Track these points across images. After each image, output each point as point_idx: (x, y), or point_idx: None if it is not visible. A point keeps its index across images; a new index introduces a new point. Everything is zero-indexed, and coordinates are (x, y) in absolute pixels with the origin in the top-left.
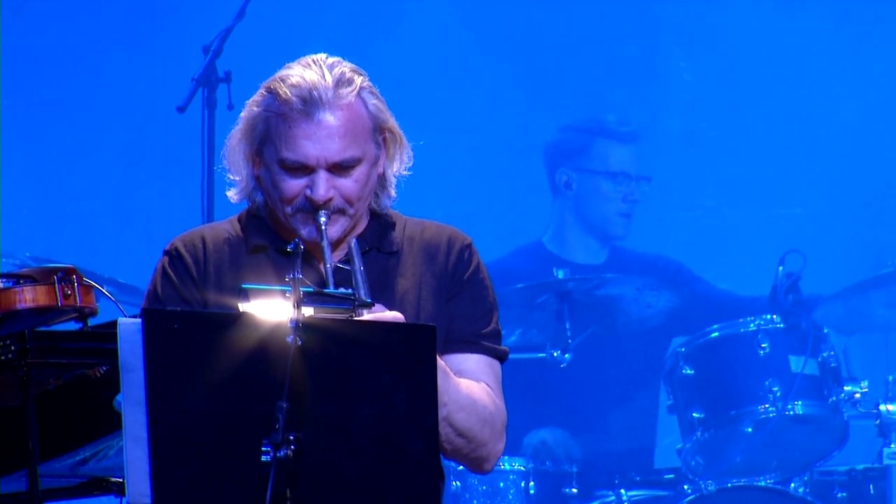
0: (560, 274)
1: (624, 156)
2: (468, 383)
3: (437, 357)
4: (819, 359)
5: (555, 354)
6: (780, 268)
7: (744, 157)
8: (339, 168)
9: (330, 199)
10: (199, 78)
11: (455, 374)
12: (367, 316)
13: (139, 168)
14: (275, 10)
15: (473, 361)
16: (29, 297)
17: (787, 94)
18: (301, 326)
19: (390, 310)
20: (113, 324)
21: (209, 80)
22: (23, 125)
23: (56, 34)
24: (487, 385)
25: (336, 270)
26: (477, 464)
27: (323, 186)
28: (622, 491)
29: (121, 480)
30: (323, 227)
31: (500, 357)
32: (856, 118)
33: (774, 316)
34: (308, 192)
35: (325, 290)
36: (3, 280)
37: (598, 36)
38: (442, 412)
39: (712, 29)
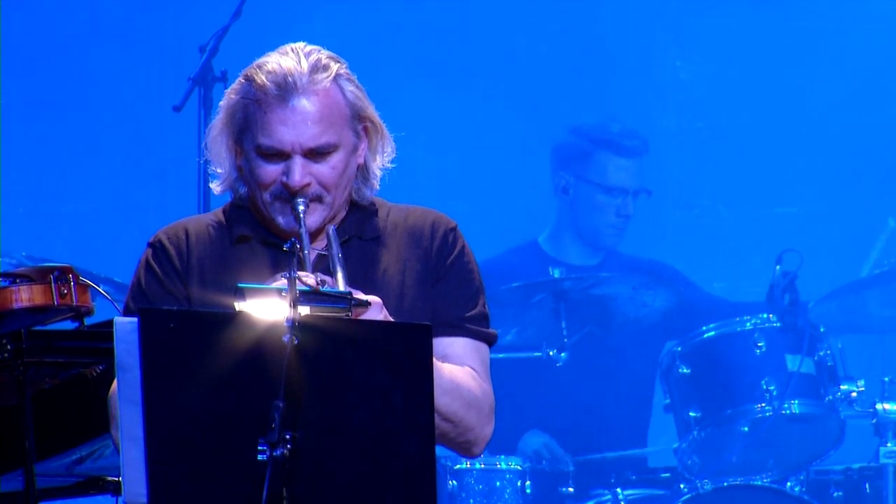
0: (556, 273)
1: (624, 170)
2: (452, 367)
3: None
4: (815, 358)
5: (551, 353)
6: (777, 267)
7: (740, 156)
8: (316, 154)
9: (306, 186)
10: (195, 77)
11: (441, 358)
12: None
13: (136, 167)
14: (271, 10)
15: (459, 345)
16: (25, 296)
17: (782, 92)
18: (297, 325)
19: (371, 295)
20: (109, 323)
21: (205, 80)
22: (19, 124)
23: (53, 34)
24: (473, 369)
25: (318, 258)
26: (465, 448)
27: (299, 172)
28: (618, 490)
29: (117, 479)
30: (301, 215)
31: (488, 339)
32: (852, 117)
33: (771, 315)
34: (284, 178)
35: (322, 290)
36: (0, 279)
37: (594, 35)
38: None
39: (708, 28)
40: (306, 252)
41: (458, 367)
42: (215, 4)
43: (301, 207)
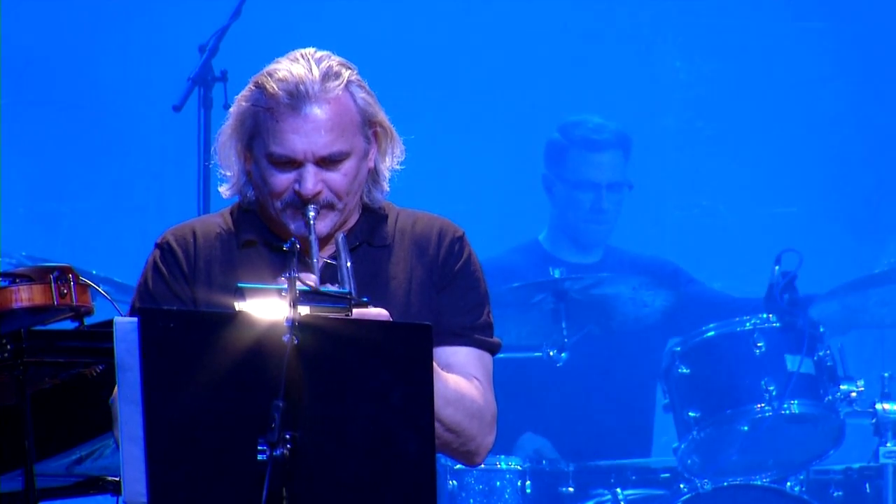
0: (556, 273)
1: (592, 165)
2: (456, 378)
3: None
4: (815, 358)
5: (551, 353)
6: (777, 266)
7: (740, 155)
8: (328, 162)
9: (318, 193)
10: (195, 77)
11: (444, 366)
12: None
13: (135, 167)
14: (271, 9)
15: (463, 354)
16: (25, 296)
17: (782, 92)
18: (297, 325)
19: (379, 305)
20: (109, 323)
21: (205, 80)
22: (19, 124)
23: (53, 34)
24: (476, 378)
25: (325, 266)
26: (467, 458)
27: (311, 181)
28: (618, 490)
29: (117, 479)
30: (311, 222)
31: (491, 349)
32: (851, 117)
33: (770, 315)
34: (296, 186)
35: (322, 289)
36: (0, 279)
37: (595, 35)
38: None
39: (708, 28)
40: (314, 260)
41: (461, 378)
42: (215, 4)
43: (311, 214)
